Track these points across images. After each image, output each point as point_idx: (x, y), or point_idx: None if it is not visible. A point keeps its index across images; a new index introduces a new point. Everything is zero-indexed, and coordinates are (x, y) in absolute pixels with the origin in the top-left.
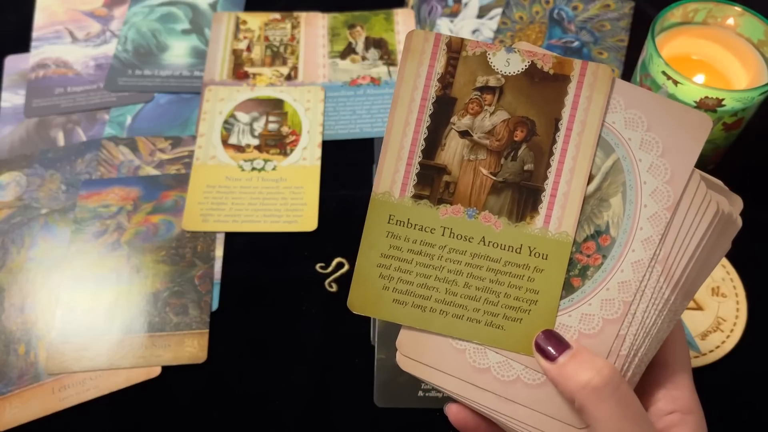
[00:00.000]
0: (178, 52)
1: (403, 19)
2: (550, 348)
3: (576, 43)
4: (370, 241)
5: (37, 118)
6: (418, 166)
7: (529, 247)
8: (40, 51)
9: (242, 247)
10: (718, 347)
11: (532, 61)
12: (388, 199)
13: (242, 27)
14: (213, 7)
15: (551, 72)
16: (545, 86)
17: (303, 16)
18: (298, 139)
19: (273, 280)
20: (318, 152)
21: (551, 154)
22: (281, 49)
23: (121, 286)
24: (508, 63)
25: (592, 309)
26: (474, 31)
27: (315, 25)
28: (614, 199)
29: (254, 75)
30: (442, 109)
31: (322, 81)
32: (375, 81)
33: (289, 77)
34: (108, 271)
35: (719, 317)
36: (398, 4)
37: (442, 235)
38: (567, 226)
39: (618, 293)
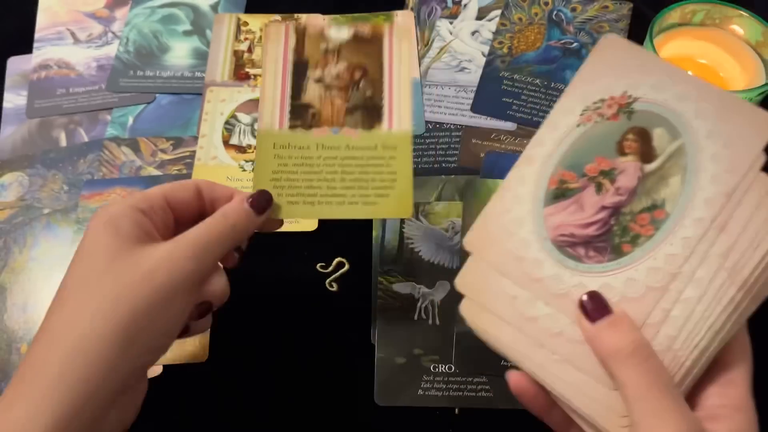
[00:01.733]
0: (179, 54)
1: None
2: (593, 309)
3: (575, 45)
4: (261, 164)
5: (39, 118)
6: (290, 106)
7: (381, 144)
8: (42, 52)
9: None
10: None
11: (354, 29)
12: (271, 130)
13: (243, 28)
14: (214, 8)
15: (369, 35)
16: (369, 44)
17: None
18: None
19: (273, 279)
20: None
21: (382, 83)
22: None
23: None
24: (339, 32)
25: (638, 274)
26: (473, 33)
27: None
28: (674, 179)
29: (255, 76)
30: (300, 69)
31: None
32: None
33: None
34: None
35: None
36: (398, 6)
37: (317, 149)
38: (405, 125)
39: (664, 264)
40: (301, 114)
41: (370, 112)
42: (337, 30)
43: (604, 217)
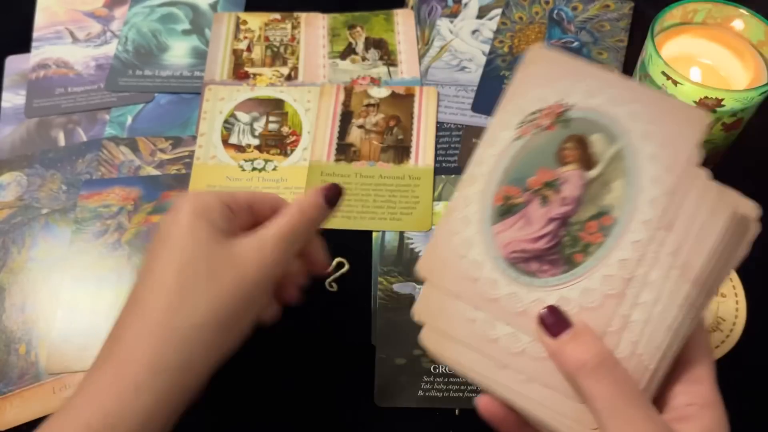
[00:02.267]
0: (178, 53)
1: (403, 20)
2: (553, 323)
3: (575, 44)
4: (311, 187)
5: (37, 118)
6: (336, 144)
7: (408, 175)
8: (40, 51)
9: None
10: (717, 347)
11: (392, 90)
12: (320, 162)
13: (242, 27)
14: (213, 7)
15: (404, 93)
16: (403, 100)
17: (303, 16)
18: (298, 139)
19: None
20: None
21: (412, 129)
22: (281, 50)
23: (121, 286)
24: (379, 92)
25: (593, 283)
26: (474, 32)
27: (315, 26)
28: (616, 183)
29: (254, 75)
30: (346, 117)
31: (322, 81)
32: (375, 81)
33: (289, 77)
34: (108, 270)
35: (719, 317)
36: (398, 5)
37: (355, 177)
38: (428, 161)
39: (618, 270)
40: (344, 150)
41: (400, 151)
42: (378, 90)
43: (553, 229)
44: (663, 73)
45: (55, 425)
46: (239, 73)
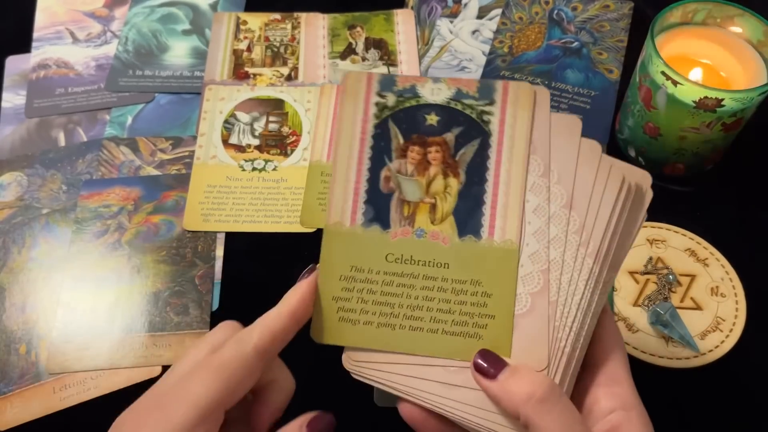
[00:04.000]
0: (178, 53)
1: (403, 20)
2: (488, 367)
3: (575, 44)
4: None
5: (38, 118)
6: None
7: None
8: (41, 51)
9: (243, 247)
10: (717, 347)
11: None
12: (320, 162)
13: (242, 27)
14: (213, 7)
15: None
16: None
17: (303, 16)
18: (298, 139)
19: (273, 280)
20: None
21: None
22: (281, 50)
23: (121, 286)
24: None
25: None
26: (474, 32)
27: (315, 26)
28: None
29: (254, 75)
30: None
31: (322, 81)
32: None
33: (289, 77)
34: (109, 270)
35: (718, 317)
36: (398, 5)
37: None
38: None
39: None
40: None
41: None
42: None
43: None
44: (663, 73)
45: None
46: (239, 73)
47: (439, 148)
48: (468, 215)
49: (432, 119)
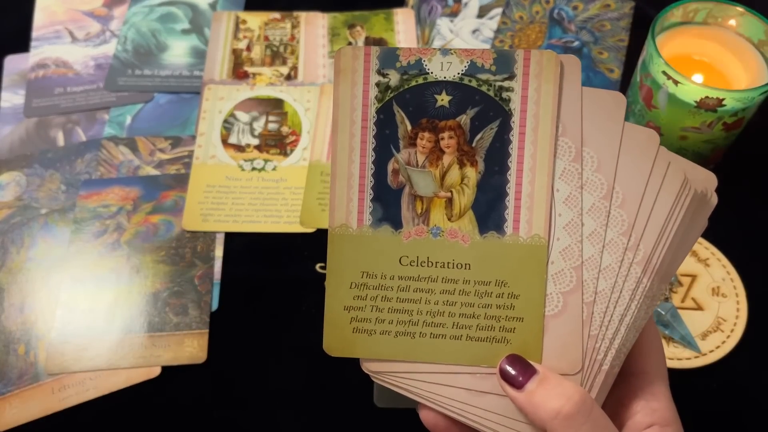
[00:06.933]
0: (177, 52)
1: (404, 19)
2: (516, 375)
3: (576, 43)
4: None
5: (36, 118)
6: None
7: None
8: (39, 51)
9: (242, 247)
10: (718, 347)
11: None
12: (320, 162)
13: (242, 26)
14: (213, 6)
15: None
16: None
17: (303, 15)
18: (298, 139)
19: (273, 280)
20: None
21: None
22: (281, 49)
23: (120, 286)
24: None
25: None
26: (474, 31)
27: (315, 25)
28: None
29: (254, 75)
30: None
31: (321, 81)
32: None
33: (288, 77)
34: (108, 271)
35: (719, 317)
36: (398, 4)
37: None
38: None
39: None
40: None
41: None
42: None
43: None
44: (663, 72)
45: None
46: (239, 72)
47: (452, 134)
48: (489, 209)
49: (443, 99)
